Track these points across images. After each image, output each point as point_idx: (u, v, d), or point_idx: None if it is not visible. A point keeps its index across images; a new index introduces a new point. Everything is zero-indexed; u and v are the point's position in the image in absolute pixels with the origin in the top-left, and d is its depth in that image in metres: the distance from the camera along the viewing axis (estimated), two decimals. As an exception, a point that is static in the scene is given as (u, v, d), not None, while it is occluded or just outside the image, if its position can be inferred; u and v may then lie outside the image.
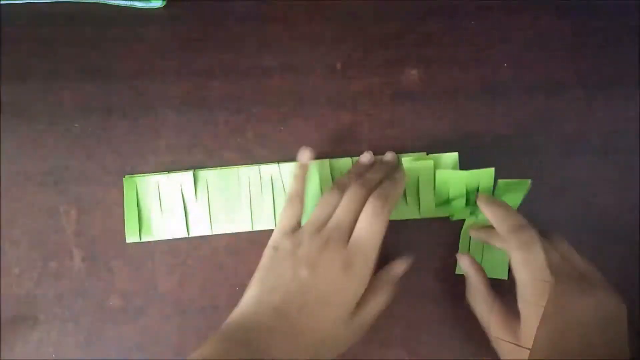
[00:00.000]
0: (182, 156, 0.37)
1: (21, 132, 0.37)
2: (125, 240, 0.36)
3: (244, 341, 0.27)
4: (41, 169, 0.37)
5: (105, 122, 0.37)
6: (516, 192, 0.34)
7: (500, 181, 0.34)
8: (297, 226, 0.32)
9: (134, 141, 0.37)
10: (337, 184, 0.33)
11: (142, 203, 0.36)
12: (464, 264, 0.34)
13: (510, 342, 0.29)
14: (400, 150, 0.38)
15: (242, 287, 0.35)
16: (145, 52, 0.39)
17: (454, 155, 0.37)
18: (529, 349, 0.27)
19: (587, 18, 0.41)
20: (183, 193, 0.36)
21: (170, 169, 0.37)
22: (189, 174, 0.36)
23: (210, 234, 0.36)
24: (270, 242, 0.31)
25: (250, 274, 0.36)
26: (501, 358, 0.30)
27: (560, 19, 0.41)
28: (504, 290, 0.33)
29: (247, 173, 0.37)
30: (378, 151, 0.37)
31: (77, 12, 0.39)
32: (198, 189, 0.36)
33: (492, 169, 0.34)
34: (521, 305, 0.29)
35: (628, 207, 0.38)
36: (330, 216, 0.31)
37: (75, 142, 0.37)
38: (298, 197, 0.32)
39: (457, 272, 0.36)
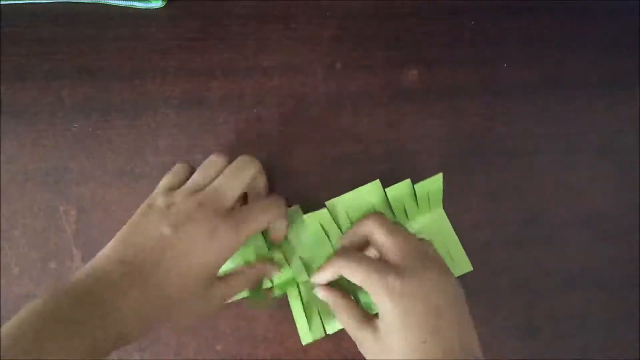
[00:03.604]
0: (182, 156, 0.37)
1: (21, 132, 0.37)
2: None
3: (86, 294, 0.25)
4: (41, 169, 0.37)
5: (105, 122, 0.37)
6: (434, 189, 0.34)
7: (416, 186, 0.34)
8: (177, 188, 0.30)
9: (134, 141, 0.37)
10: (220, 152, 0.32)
11: None
12: (320, 295, 0.32)
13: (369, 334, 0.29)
14: (401, 151, 0.38)
15: (242, 287, 0.35)
16: (145, 52, 0.39)
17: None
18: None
19: (587, 18, 0.41)
20: None
21: (169, 169, 0.37)
22: None
23: None
24: (147, 200, 0.30)
25: (250, 274, 0.36)
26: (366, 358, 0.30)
27: (559, 19, 0.41)
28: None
29: None
30: (378, 150, 0.37)
31: (77, 12, 0.39)
32: None
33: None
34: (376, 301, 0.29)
35: (628, 207, 0.38)
36: (211, 180, 0.30)
37: (75, 142, 0.37)
38: (186, 165, 0.32)
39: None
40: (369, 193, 0.35)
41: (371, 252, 0.33)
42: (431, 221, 0.36)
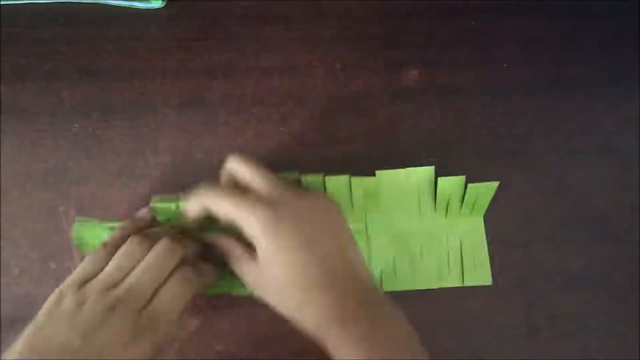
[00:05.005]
0: (182, 156, 0.37)
1: (21, 132, 0.37)
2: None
3: None
4: (41, 169, 0.37)
5: (105, 122, 0.37)
6: (484, 195, 0.35)
7: (470, 185, 0.34)
8: (92, 278, 0.27)
9: (134, 141, 0.37)
10: (145, 234, 0.29)
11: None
12: (215, 241, 0.31)
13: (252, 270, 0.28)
14: (401, 151, 0.38)
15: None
16: (145, 52, 0.39)
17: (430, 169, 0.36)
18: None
19: (587, 18, 0.41)
20: None
21: (170, 170, 0.37)
22: None
23: None
24: (59, 288, 0.27)
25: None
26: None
27: (559, 18, 0.41)
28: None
29: None
30: (378, 150, 0.37)
31: (77, 12, 0.39)
32: None
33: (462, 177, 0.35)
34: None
35: (628, 207, 0.38)
36: (127, 272, 0.27)
37: (75, 142, 0.37)
38: (111, 247, 0.28)
39: None
40: (419, 176, 0.35)
41: None
42: (468, 226, 0.36)
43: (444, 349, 0.35)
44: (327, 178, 0.34)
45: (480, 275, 0.35)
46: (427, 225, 0.36)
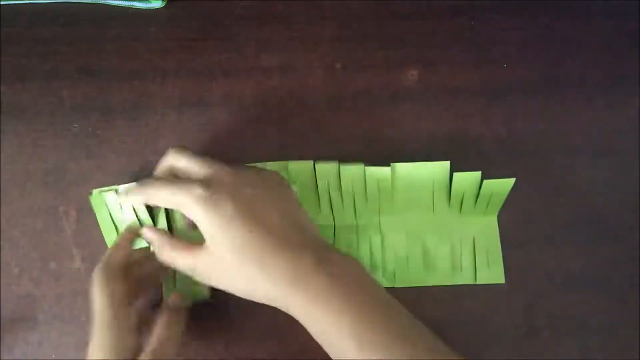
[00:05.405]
0: (182, 156, 0.37)
1: (21, 132, 0.37)
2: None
3: None
4: (41, 169, 0.37)
5: (105, 122, 0.37)
6: (500, 192, 0.35)
7: (485, 181, 0.34)
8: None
9: (134, 141, 0.37)
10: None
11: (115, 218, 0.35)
12: (146, 236, 0.31)
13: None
14: (400, 151, 0.38)
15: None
16: (145, 52, 0.39)
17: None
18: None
19: (587, 18, 0.41)
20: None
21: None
22: None
23: None
24: None
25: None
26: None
27: (559, 19, 0.41)
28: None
29: None
30: (378, 150, 0.37)
31: (77, 12, 0.39)
32: None
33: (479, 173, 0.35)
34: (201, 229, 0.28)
35: (628, 207, 0.38)
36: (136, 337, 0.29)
37: (75, 142, 0.37)
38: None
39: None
40: (434, 170, 0.35)
41: None
42: (481, 224, 0.36)
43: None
44: (342, 167, 0.34)
45: (494, 274, 0.35)
46: (441, 221, 0.36)
